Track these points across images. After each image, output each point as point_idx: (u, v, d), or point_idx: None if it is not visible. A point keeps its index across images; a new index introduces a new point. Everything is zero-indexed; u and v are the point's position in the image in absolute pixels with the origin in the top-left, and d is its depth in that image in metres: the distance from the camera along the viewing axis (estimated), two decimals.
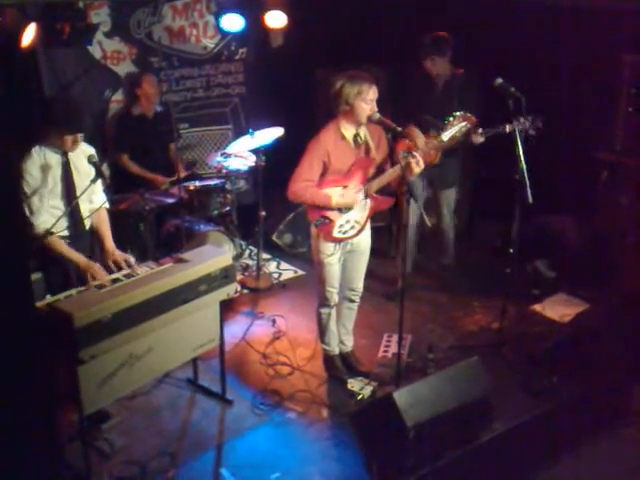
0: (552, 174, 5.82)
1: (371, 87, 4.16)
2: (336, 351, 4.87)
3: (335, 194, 4.32)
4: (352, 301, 4.79)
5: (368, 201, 4.47)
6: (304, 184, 4.26)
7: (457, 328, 5.44)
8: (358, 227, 4.48)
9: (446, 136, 4.51)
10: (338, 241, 4.45)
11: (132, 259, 4.24)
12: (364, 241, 4.63)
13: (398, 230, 5.72)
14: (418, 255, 5.94)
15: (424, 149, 4.86)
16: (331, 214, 4.37)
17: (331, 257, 4.48)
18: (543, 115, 4.81)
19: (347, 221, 4.42)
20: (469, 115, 4.55)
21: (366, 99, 4.15)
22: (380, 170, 4.44)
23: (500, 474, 4.13)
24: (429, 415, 3.92)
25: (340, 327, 4.86)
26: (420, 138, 4.95)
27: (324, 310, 4.71)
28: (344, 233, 4.43)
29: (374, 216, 4.61)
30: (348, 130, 4.30)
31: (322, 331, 4.82)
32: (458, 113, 4.54)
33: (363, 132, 4.35)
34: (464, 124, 4.52)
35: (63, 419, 4.01)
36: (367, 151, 4.39)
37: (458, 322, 5.53)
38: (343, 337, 4.89)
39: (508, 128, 4.84)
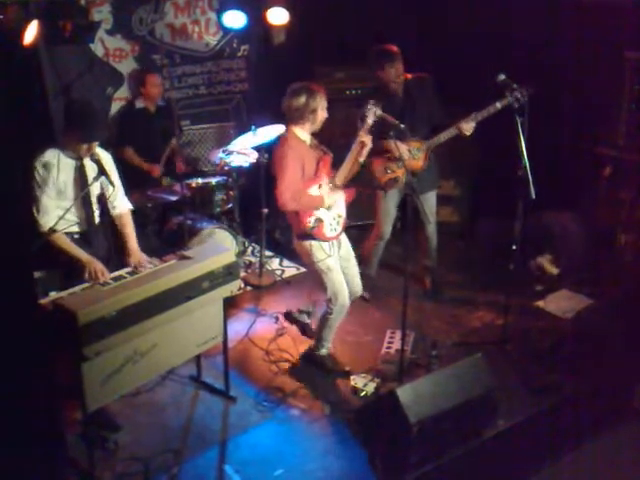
0: (554, 170, 5.81)
1: (325, 96, 4.46)
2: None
3: (322, 193, 4.48)
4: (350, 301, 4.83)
5: (342, 194, 4.63)
6: (296, 190, 4.37)
7: (460, 325, 5.44)
8: (342, 221, 4.62)
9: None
10: (332, 239, 4.56)
11: (156, 262, 4.21)
12: (346, 241, 4.78)
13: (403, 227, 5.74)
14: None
15: (408, 157, 4.97)
16: (320, 214, 4.48)
17: (332, 258, 4.55)
18: (534, 86, 4.79)
19: (333, 218, 4.56)
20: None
21: (324, 107, 4.45)
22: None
23: (503, 470, 4.14)
24: (432, 411, 3.93)
25: None
26: (402, 147, 4.96)
27: (338, 317, 4.71)
28: (335, 230, 4.57)
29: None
30: (305, 136, 4.52)
31: (325, 338, 4.83)
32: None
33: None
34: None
35: (67, 416, 4.01)
36: (322, 151, 4.58)
37: (461, 319, 5.53)
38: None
39: (499, 104, 4.84)
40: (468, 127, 5.07)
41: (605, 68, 5.81)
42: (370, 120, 4.46)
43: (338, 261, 4.64)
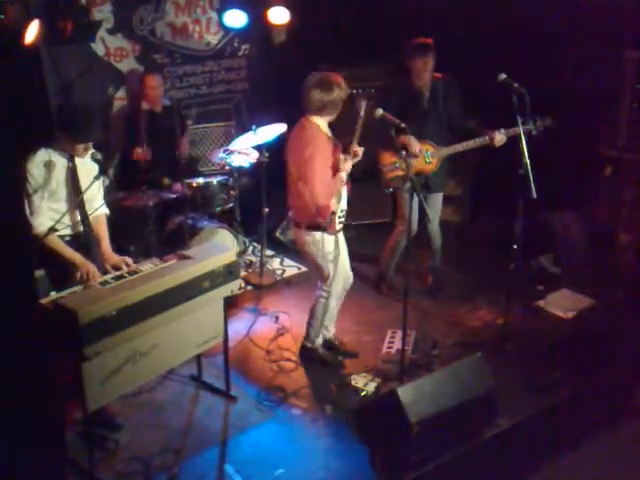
0: (555, 169, 5.81)
1: (345, 85, 4.43)
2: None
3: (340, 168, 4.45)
4: (345, 289, 4.87)
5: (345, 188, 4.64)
6: (327, 184, 4.37)
7: (461, 324, 5.44)
8: (345, 214, 4.63)
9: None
10: (338, 232, 4.60)
11: (130, 260, 4.21)
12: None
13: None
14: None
15: (421, 157, 4.96)
16: (334, 207, 4.47)
17: (334, 248, 4.60)
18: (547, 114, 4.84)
19: (341, 210, 4.56)
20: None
21: (345, 97, 4.44)
22: None
23: (503, 470, 4.14)
24: (433, 411, 3.93)
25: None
26: (417, 145, 4.98)
27: (336, 302, 4.78)
28: (341, 223, 4.59)
29: (377, 212, 4.63)
30: (326, 128, 4.52)
31: (317, 326, 4.86)
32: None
33: None
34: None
35: (67, 415, 4.01)
36: (334, 141, 4.58)
37: (462, 318, 5.53)
38: (329, 325, 4.96)
39: (521, 129, 4.82)
40: (500, 139, 5.07)
41: (605, 68, 5.81)
42: (360, 118, 4.45)
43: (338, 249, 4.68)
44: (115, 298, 3.70)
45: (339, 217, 4.54)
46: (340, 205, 4.53)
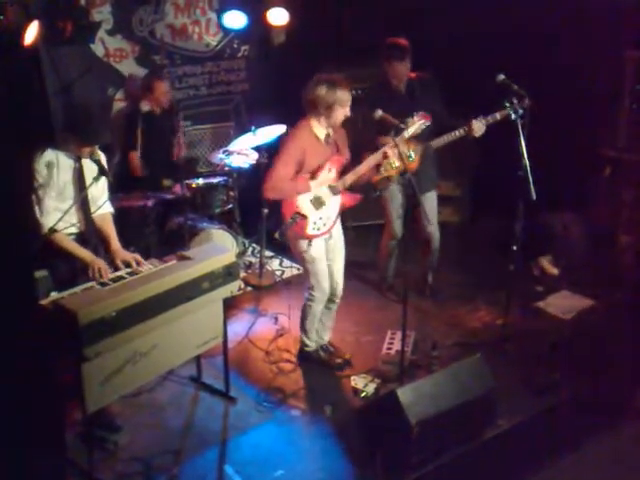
0: (555, 170, 5.81)
1: (349, 93, 4.32)
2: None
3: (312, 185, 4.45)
4: (333, 302, 4.86)
5: (339, 197, 4.58)
6: (280, 180, 4.34)
7: (461, 325, 5.44)
8: (330, 224, 4.59)
9: (408, 133, 4.50)
10: (312, 238, 4.52)
11: (140, 257, 4.23)
12: (338, 234, 4.75)
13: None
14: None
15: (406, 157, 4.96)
16: (305, 210, 4.44)
17: (316, 250, 4.56)
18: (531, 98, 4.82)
19: (320, 218, 4.51)
20: (426, 114, 4.66)
21: (345, 105, 4.31)
22: (347, 169, 4.56)
23: (503, 471, 4.13)
24: (433, 412, 3.92)
25: (319, 324, 4.92)
26: (403, 146, 5.00)
27: (318, 306, 4.76)
28: (317, 230, 4.53)
29: (376, 213, 4.60)
30: (320, 130, 4.43)
31: (309, 329, 4.87)
32: (417, 112, 4.65)
33: (331, 131, 4.49)
34: (423, 122, 4.57)
35: (67, 416, 4.01)
36: (337, 150, 4.53)
37: (462, 319, 5.52)
38: (322, 333, 4.95)
39: (499, 115, 4.84)
40: (478, 127, 5.00)
41: (605, 68, 5.81)
42: (407, 134, 4.45)
43: (324, 252, 4.64)
44: (115, 299, 3.70)
45: (314, 223, 4.49)
46: (319, 212, 4.50)
